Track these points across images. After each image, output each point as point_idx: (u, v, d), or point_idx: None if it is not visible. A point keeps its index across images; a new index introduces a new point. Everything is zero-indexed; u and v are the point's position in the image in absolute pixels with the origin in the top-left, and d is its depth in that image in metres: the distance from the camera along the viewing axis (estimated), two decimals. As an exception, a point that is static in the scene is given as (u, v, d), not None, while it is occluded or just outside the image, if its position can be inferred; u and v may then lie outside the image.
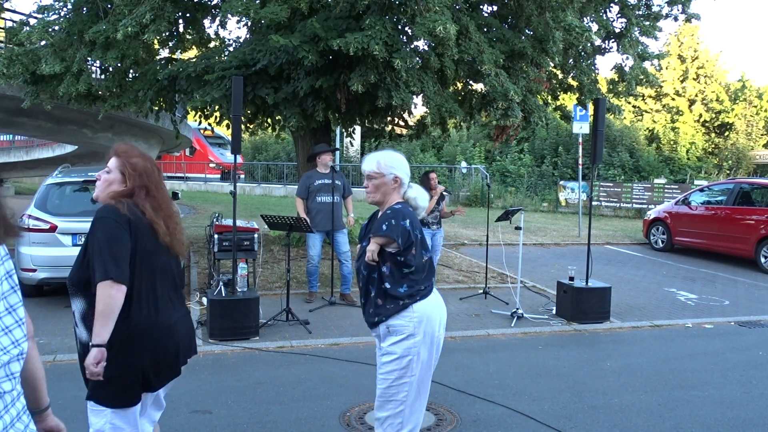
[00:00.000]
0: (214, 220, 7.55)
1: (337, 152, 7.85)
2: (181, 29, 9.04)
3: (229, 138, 15.22)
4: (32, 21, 9.04)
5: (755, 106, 29.99)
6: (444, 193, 7.90)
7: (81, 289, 2.38)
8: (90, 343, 2.26)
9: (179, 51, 9.88)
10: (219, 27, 9.11)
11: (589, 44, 8.72)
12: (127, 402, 2.40)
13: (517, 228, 7.34)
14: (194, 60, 9.02)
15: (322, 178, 7.29)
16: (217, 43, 9.92)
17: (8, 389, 1.23)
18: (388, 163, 3.04)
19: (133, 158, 2.51)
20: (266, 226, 7.11)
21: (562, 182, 22.04)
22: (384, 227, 2.90)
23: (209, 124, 11.16)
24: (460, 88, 9.37)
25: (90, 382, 2.35)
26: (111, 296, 2.26)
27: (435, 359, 3.04)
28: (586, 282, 6.96)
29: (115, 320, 2.28)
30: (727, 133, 29.78)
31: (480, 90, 8.78)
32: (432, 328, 2.97)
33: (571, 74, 9.86)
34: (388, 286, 2.94)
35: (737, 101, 29.95)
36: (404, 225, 2.90)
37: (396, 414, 2.95)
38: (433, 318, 2.98)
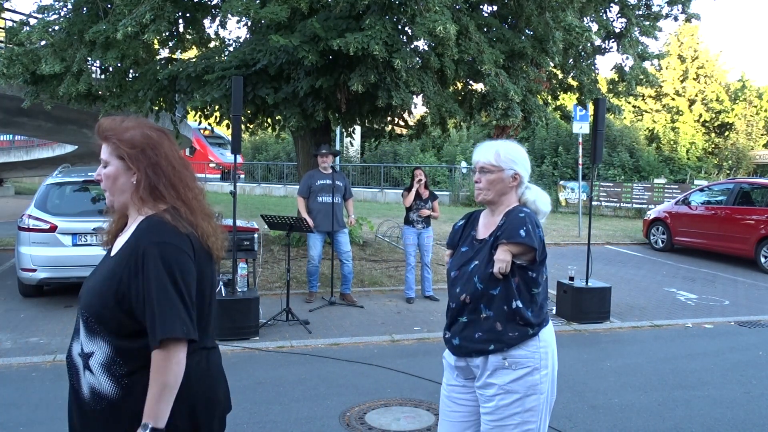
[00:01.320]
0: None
1: (336, 158, 7.81)
2: (181, 29, 9.05)
3: (229, 138, 15.21)
4: (32, 21, 9.04)
5: (755, 106, 29.98)
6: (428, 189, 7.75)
7: (106, 330, 1.68)
8: (150, 426, 1.60)
9: (179, 51, 9.89)
10: (219, 27, 9.14)
11: (589, 44, 8.73)
12: None
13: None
14: (194, 60, 9.03)
15: (323, 178, 7.28)
16: (217, 43, 9.93)
17: None
18: (510, 155, 2.49)
19: (126, 133, 1.78)
20: (266, 226, 7.12)
21: (562, 182, 22.04)
22: (522, 233, 2.32)
23: (209, 124, 11.17)
24: (460, 88, 9.37)
25: None
26: (181, 363, 1.63)
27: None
28: (586, 282, 6.96)
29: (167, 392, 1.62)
30: (727, 133, 29.77)
31: (480, 90, 8.78)
32: (555, 362, 2.46)
33: (571, 74, 9.86)
34: (519, 306, 2.35)
35: (737, 101, 29.95)
36: (540, 234, 2.37)
37: None
38: (554, 349, 2.47)
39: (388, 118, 10.08)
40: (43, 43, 8.10)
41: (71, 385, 1.75)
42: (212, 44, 9.96)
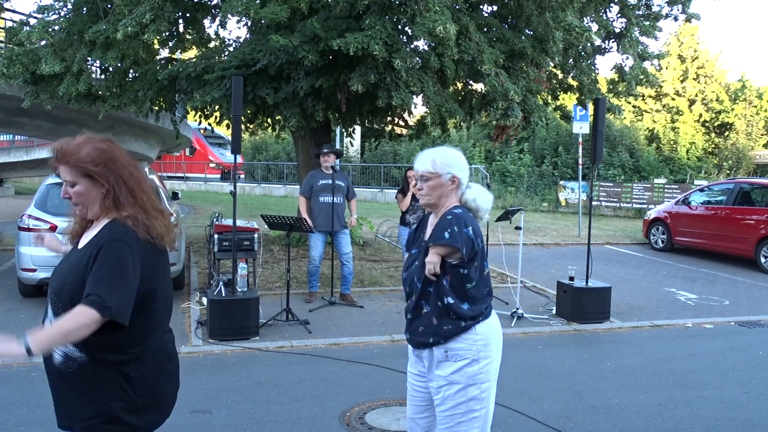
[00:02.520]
0: (214, 220, 7.55)
1: (337, 160, 7.79)
2: (181, 29, 9.05)
3: (229, 138, 15.22)
4: (32, 21, 9.04)
5: (755, 106, 29.98)
6: None
7: (71, 306, 1.92)
8: (29, 345, 1.82)
9: (179, 51, 9.89)
10: (219, 27, 9.14)
11: (589, 44, 8.73)
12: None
13: (517, 228, 7.34)
14: (194, 60, 9.03)
15: (325, 178, 7.27)
16: (217, 43, 9.93)
17: None
18: (445, 161, 2.64)
19: (82, 151, 2.00)
20: (266, 226, 7.12)
21: (562, 182, 22.05)
22: (446, 235, 2.48)
23: (209, 124, 11.17)
24: (460, 88, 9.38)
25: (88, 428, 2.00)
26: (88, 327, 1.86)
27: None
28: (586, 282, 6.96)
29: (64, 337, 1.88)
30: (727, 133, 29.77)
31: (480, 90, 8.78)
32: (497, 352, 2.61)
33: (571, 74, 9.87)
34: (449, 301, 2.52)
35: (737, 101, 29.95)
36: (467, 233, 2.51)
37: None
38: (495, 340, 2.61)
39: (388, 118, 10.08)
40: (43, 43, 8.10)
41: (44, 358, 2.02)
42: (212, 44, 9.96)
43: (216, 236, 6.72)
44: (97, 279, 1.90)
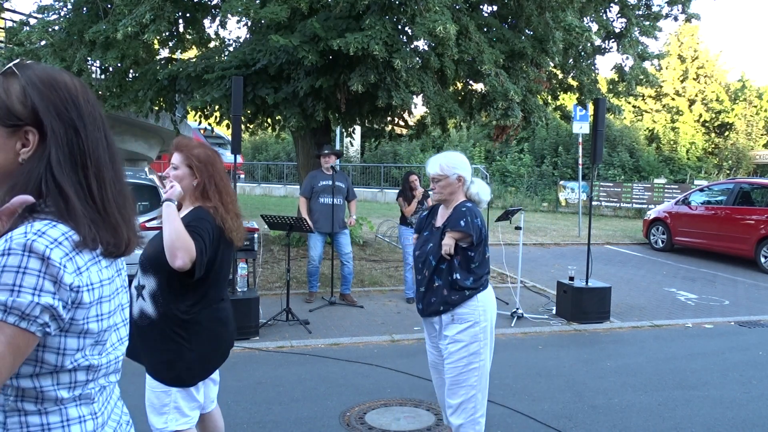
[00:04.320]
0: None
1: (337, 160, 7.79)
2: (181, 29, 9.05)
3: (229, 138, 15.23)
4: (32, 21, 9.04)
5: (755, 106, 29.98)
6: (429, 192, 7.81)
7: (156, 269, 2.51)
8: (163, 199, 2.52)
9: (179, 51, 9.89)
10: (219, 27, 9.13)
11: (589, 44, 8.73)
12: (189, 382, 2.59)
13: (517, 228, 7.34)
14: (194, 60, 9.03)
15: (326, 179, 7.27)
16: (217, 43, 9.93)
17: (113, 381, 1.36)
18: (450, 164, 3.24)
19: (194, 150, 2.62)
20: (266, 226, 7.11)
21: (562, 182, 22.05)
22: (462, 223, 3.13)
23: (209, 124, 11.16)
24: (460, 88, 9.38)
25: (154, 367, 2.56)
26: (189, 251, 2.42)
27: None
28: (586, 282, 6.96)
29: (174, 232, 2.44)
30: (727, 133, 29.77)
31: (480, 90, 8.78)
32: (492, 316, 3.24)
33: (571, 74, 9.87)
34: (458, 277, 3.14)
35: (737, 101, 29.95)
36: (477, 223, 3.15)
37: (469, 399, 3.15)
38: (491, 307, 3.25)
39: (388, 118, 10.08)
40: (43, 43, 8.10)
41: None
42: (212, 44, 9.96)
43: (216, 236, 6.71)
44: (188, 225, 2.48)
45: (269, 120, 10.30)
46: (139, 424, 2.37)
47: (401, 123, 10.57)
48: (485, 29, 8.21)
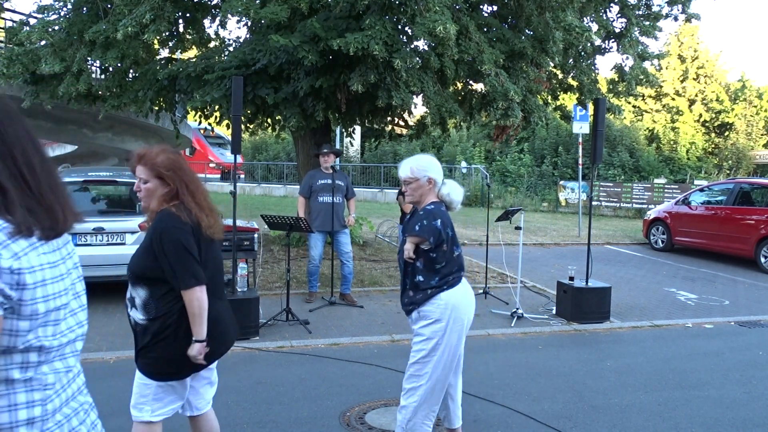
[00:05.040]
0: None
1: (337, 160, 7.78)
2: (181, 29, 9.04)
3: (229, 138, 15.21)
4: (32, 21, 9.04)
5: (755, 106, 29.99)
6: None
7: (143, 282, 2.59)
8: (194, 339, 2.59)
9: (179, 51, 9.89)
10: (219, 27, 9.11)
11: (589, 44, 8.73)
12: (172, 377, 2.71)
13: (517, 228, 7.34)
14: (194, 60, 9.03)
15: (325, 178, 7.27)
16: (217, 43, 9.92)
17: (72, 364, 1.45)
18: (420, 166, 3.28)
19: (158, 158, 2.60)
20: (266, 226, 7.11)
21: (562, 182, 22.04)
22: (417, 228, 3.19)
23: (209, 124, 11.16)
24: (460, 88, 9.37)
25: (144, 364, 2.68)
26: (201, 299, 2.58)
27: (461, 344, 3.36)
28: (586, 282, 6.96)
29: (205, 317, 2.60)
30: (727, 133, 29.78)
31: (480, 90, 8.78)
32: (458, 315, 3.24)
33: (571, 74, 9.86)
34: (420, 279, 3.24)
35: (737, 101, 29.96)
36: (435, 225, 3.18)
37: (416, 387, 3.26)
38: (459, 306, 3.25)
39: (388, 118, 10.07)
40: (43, 43, 8.10)
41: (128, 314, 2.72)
42: (212, 44, 9.96)
43: (216, 236, 6.71)
44: (171, 273, 2.54)
45: (269, 120, 10.30)
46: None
47: (401, 123, 10.57)
48: (485, 29, 8.21)
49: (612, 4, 9.22)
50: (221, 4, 7.41)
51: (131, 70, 9.10)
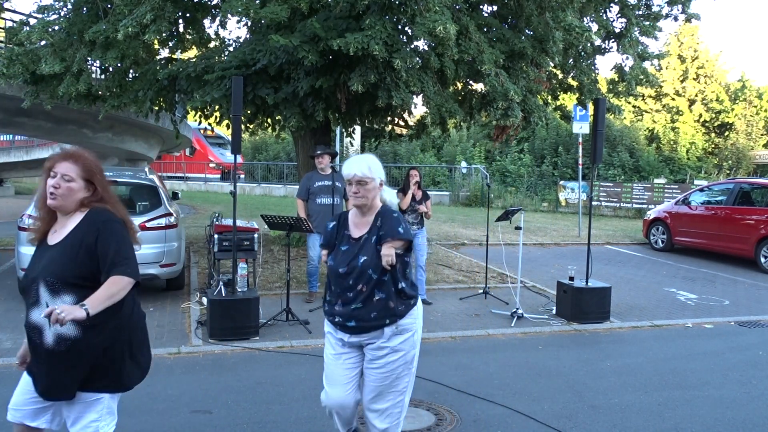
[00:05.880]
0: (214, 220, 7.55)
1: (336, 158, 7.78)
2: (181, 29, 9.04)
3: (229, 138, 15.21)
4: (32, 21, 9.04)
5: (755, 106, 30.00)
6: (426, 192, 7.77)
7: (71, 286, 2.38)
8: (86, 307, 2.29)
9: (179, 51, 9.88)
10: (219, 27, 9.12)
11: (589, 44, 8.72)
12: (125, 386, 2.56)
13: (517, 228, 7.34)
14: (194, 60, 9.02)
15: (322, 179, 7.27)
16: (217, 43, 9.92)
17: None
18: (376, 167, 3.06)
19: (89, 160, 2.52)
20: (266, 226, 7.11)
21: (562, 182, 22.04)
22: (401, 230, 2.96)
23: (209, 124, 11.17)
24: (460, 88, 9.37)
25: (87, 380, 2.44)
26: (125, 290, 2.42)
27: None
28: (586, 282, 6.96)
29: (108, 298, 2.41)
30: (727, 133, 29.79)
31: (480, 90, 8.77)
32: (421, 322, 3.20)
33: (571, 74, 9.86)
34: (404, 285, 3.01)
35: (737, 101, 29.97)
36: (408, 226, 3.05)
37: (396, 404, 3.08)
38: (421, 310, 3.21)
39: (388, 118, 10.08)
40: (43, 43, 8.10)
41: (34, 343, 2.45)
42: (212, 44, 9.95)
43: (216, 236, 6.72)
44: (114, 254, 2.41)
45: (269, 120, 10.30)
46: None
47: (401, 123, 10.57)
48: (485, 29, 8.21)
49: (612, 4, 9.21)
50: (221, 4, 7.41)
51: (131, 70, 9.10)
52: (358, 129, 20.37)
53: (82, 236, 2.43)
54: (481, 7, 8.99)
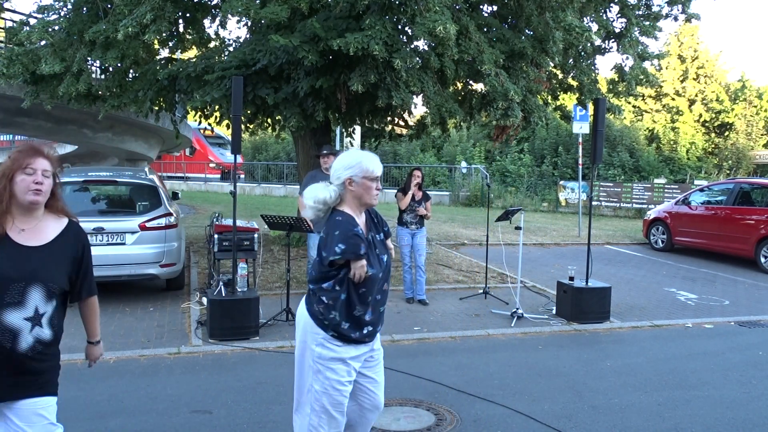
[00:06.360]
0: (214, 220, 7.55)
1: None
2: (181, 29, 9.03)
3: (229, 138, 15.21)
4: (32, 21, 9.04)
5: (755, 106, 30.00)
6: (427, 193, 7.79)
7: (59, 294, 2.46)
8: (97, 340, 2.72)
9: (179, 51, 9.88)
10: (219, 27, 9.10)
11: (589, 44, 8.72)
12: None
13: (517, 228, 7.34)
14: (194, 60, 9.02)
15: (325, 178, 7.24)
16: (217, 43, 9.92)
17: None
18: None
19: (53, 155, 2.56)
20: (266, 226, 7.12)
21: (562, 182, 22.05)
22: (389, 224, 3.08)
23: (209, 124, 11.16)
24: (460, 88, 9.37)
25: (43, 378, 2.45)
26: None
27: None
28: (586, 282, 6.96)
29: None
30: (727, 133, 29.79)
31: (480, 90, 8.77)
32: None
33: (571, 74, 9.86)
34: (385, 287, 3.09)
35: (737, 101, 29.97)
36: None
37: None
38: None
39: (388, 118, 10.08)
40: (43, 43, 8.09)
41: (4, 349, 2.34)
42: (212, 44, 9.95)
43: (216, 236, 6.72)
44: (91, 276, 2.60)
45: (269, 120, 10.30)
46: None
47: (401, 123, 10.57)
48: (485, 29, 8.20)
49: (612, 4, 9.21)
50: (221, 4, 7.41)
51: (131, 70, 9.10)
52: (358, 129, 20.32)
53: (68, 248, 2.51)
54: (481, 7, 8.98)
